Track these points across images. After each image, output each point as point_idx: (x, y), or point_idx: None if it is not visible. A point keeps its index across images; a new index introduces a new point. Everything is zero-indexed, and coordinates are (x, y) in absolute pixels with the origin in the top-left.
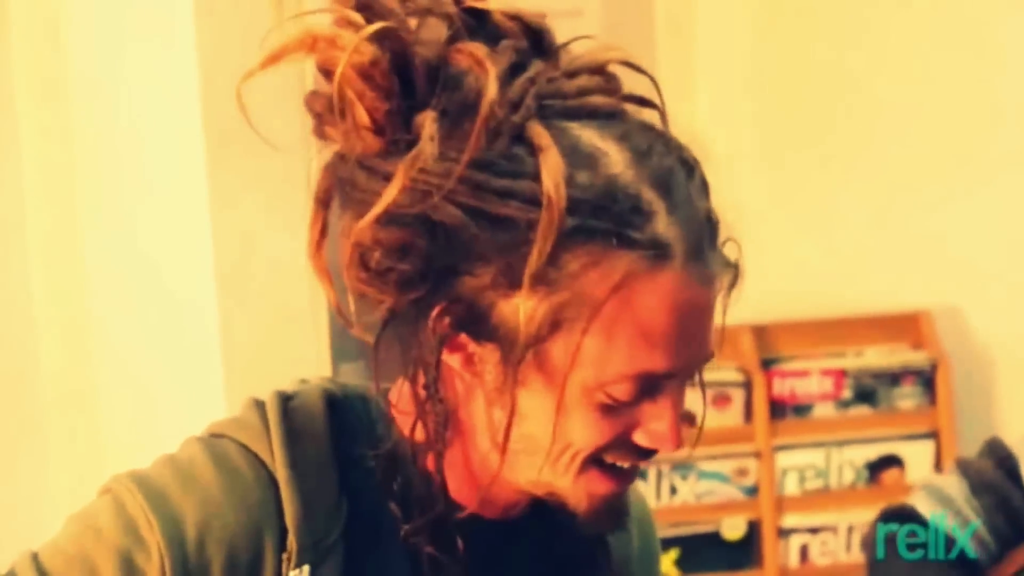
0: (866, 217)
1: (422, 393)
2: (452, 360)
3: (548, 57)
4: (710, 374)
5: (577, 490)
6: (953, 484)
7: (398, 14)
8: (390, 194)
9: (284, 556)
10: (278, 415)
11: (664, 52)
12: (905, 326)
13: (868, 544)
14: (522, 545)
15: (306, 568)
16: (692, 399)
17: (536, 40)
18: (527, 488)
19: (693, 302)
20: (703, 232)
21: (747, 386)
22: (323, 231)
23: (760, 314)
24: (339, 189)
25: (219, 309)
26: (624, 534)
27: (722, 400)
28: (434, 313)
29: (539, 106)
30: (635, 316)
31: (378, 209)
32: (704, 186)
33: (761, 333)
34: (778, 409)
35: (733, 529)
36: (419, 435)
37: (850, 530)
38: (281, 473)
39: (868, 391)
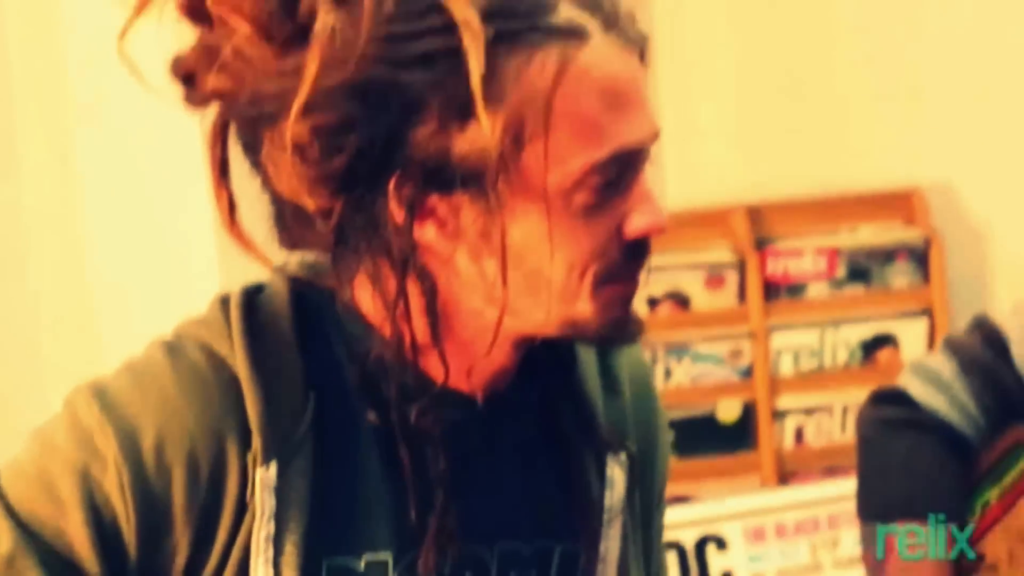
0: (859, 94)
1: (392, 284)
2: (425, 232)
3: None
4: (703, 255)
5: (596, 308)
6: (943, 364)
7: None
8: (311, 70)
9: (249, 456)
10: (240, 311)
11: None
12: (898, 203)
13: (861, 424)
14: (505, 426)
15: (273, 465)
16: (686, 280)
17: None
18: (536, 331)
19: (626, 67)
20: (607, 8)
21: (740, 267)
22: (231, 202)
23: (753, 194)
24: (244, 124)
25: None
26: (615, 398)
27: (716, 281)
28: (392, 185)
29: None
30: (584, 96)
31: (306, 87)
32: None
33: (754, 213)
34: (772, 289)
35: (728, 411)
36: (393, 330)
37: (845, 410)
38: (242, 370)
39: (862, 269)
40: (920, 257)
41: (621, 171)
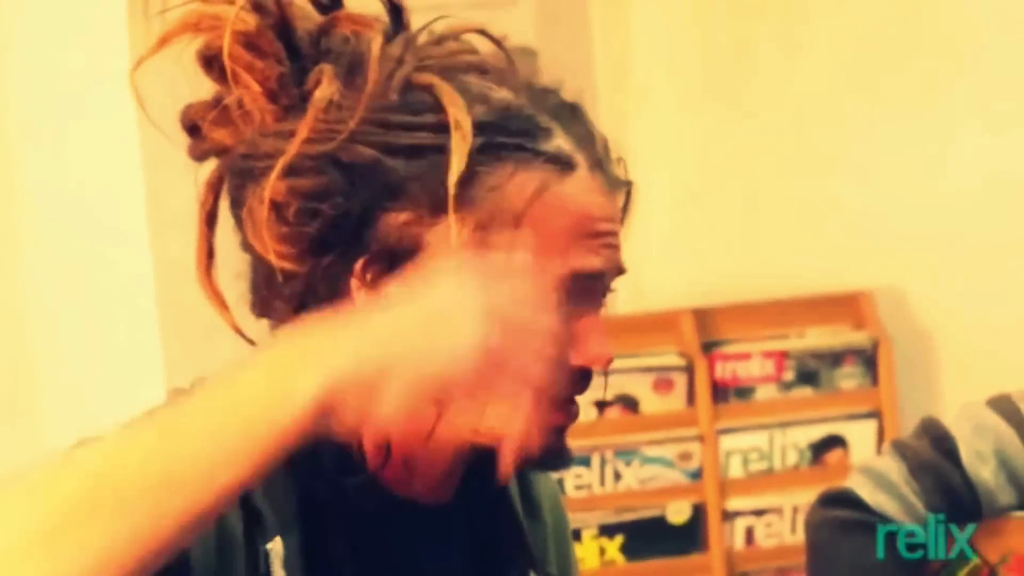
0: (805, 198)
1: None
2: None
3: (409, 31)
4: (652, 359)
5: (530, 428)
6: (891, 466)
7: None
8: (301, 135)
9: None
10: None
11: (599, 41)
12: (846, 306)
13: (810, 526)
14: (443, 536)
15: (278, 540)
16: (634, 383)
17: (397, 16)
18: (469, 440)
19: (603, 205)
20: (599, 149)
21: (689, 370)
22: (210, 252)
23: (700, 298)
24: (235, 177)
25: (158, 299)
26: (536, 523)
27: (664, 385)
28: (359, 265)
29: (418, 67)
30: (555, 220)
31: (292, 149)
32: (588, 119)
33: (702, 316)
34: (720, 392)
35: (678, 513)
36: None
37: (795, 511)
38: None
39: (810, 372)
40: (868, 360)
41: (578, 296)
